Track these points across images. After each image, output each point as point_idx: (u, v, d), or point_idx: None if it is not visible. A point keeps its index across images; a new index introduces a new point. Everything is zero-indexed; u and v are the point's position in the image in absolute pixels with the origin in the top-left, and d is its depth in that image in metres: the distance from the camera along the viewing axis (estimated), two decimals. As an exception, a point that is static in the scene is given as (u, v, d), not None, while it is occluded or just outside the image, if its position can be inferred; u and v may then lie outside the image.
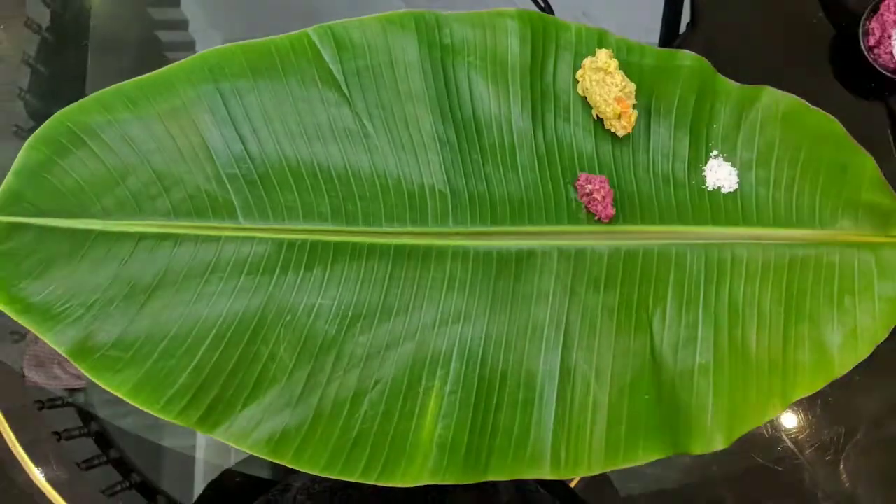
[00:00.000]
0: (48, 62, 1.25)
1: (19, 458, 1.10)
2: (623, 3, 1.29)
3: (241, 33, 1.13)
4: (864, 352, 1.04)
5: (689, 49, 1.12)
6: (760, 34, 1.24)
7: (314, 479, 1.04)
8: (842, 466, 1.06)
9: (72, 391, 1.13)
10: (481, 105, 1.12)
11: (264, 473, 1.21)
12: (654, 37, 1.20)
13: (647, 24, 1.26)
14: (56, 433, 1.11)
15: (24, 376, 1.11)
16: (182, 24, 1.29)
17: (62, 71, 1.26)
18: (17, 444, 1.12)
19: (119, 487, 1.15)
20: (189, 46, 1.28)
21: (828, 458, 1.06)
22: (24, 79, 1.22)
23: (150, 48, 1.30)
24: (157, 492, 1.11)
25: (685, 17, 1.27)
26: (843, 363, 1.04)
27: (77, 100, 1.06)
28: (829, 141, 1.10)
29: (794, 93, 1.10)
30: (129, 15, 1.29)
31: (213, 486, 1.17)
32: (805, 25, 1.22)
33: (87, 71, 1.24)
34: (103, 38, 1.25)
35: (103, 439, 1.14)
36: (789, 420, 1.08)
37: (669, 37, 1.26)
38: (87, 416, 1.13)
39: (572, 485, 1.12)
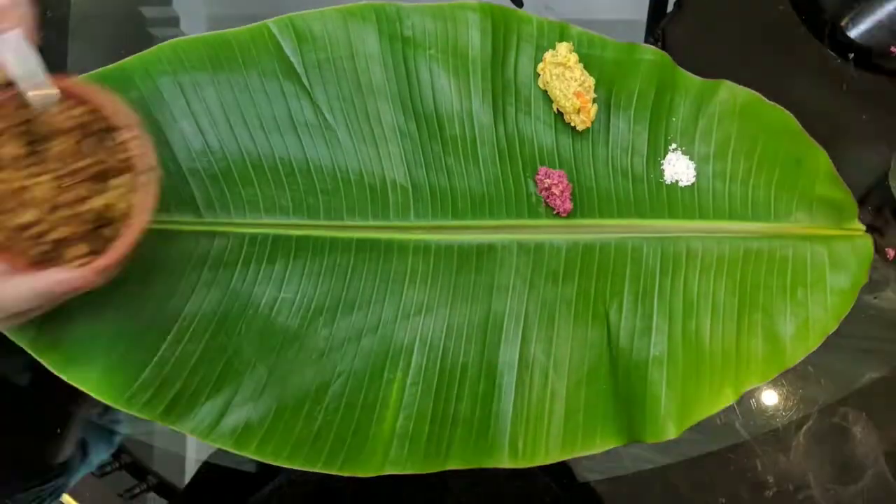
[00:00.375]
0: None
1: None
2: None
3: (228, 8, 1.12)
4: (814, 343, 1.07)
5: (662, 41, 1.12)
6: (729, 28, 1.24)
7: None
8: (793, 453, 1.09)
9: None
10: (443, 98, 1.12)
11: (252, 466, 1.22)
12: (621, 33, 1.18)
13: (611, 19, 1.25)
14: None
15: None
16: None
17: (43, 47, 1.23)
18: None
19: (108, 468, 1.15)
20: (174, 22, 1.24)
21: (779, 445, 1.09)
22: None
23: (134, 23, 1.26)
24: (147, 471, 1.12)
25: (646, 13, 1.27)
26: (795, 354, 1.07)
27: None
28: (785, 135, 1.11)
29: (763, 84, 1.11)
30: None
31: (204, 471, 1.17)
32: (774, 18, 1.22)
33: (67, 48, 1.21)
34: (85, 14, 1.21)
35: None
36: (742, 407, 1.10)
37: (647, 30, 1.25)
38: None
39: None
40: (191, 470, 1.13)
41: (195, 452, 1.13)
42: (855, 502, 1.06)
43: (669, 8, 1.26)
